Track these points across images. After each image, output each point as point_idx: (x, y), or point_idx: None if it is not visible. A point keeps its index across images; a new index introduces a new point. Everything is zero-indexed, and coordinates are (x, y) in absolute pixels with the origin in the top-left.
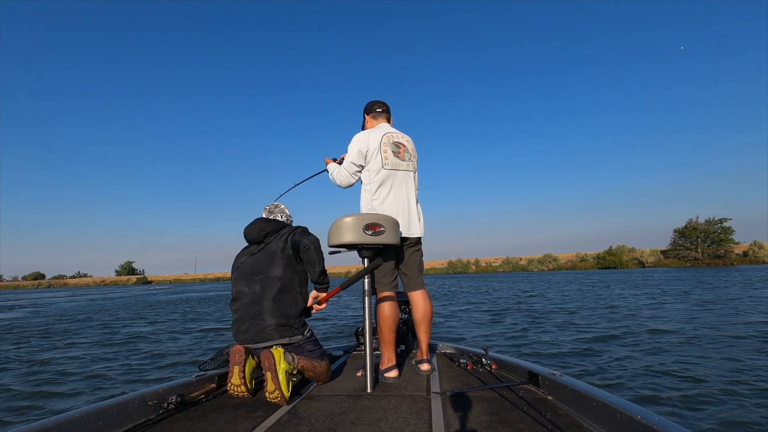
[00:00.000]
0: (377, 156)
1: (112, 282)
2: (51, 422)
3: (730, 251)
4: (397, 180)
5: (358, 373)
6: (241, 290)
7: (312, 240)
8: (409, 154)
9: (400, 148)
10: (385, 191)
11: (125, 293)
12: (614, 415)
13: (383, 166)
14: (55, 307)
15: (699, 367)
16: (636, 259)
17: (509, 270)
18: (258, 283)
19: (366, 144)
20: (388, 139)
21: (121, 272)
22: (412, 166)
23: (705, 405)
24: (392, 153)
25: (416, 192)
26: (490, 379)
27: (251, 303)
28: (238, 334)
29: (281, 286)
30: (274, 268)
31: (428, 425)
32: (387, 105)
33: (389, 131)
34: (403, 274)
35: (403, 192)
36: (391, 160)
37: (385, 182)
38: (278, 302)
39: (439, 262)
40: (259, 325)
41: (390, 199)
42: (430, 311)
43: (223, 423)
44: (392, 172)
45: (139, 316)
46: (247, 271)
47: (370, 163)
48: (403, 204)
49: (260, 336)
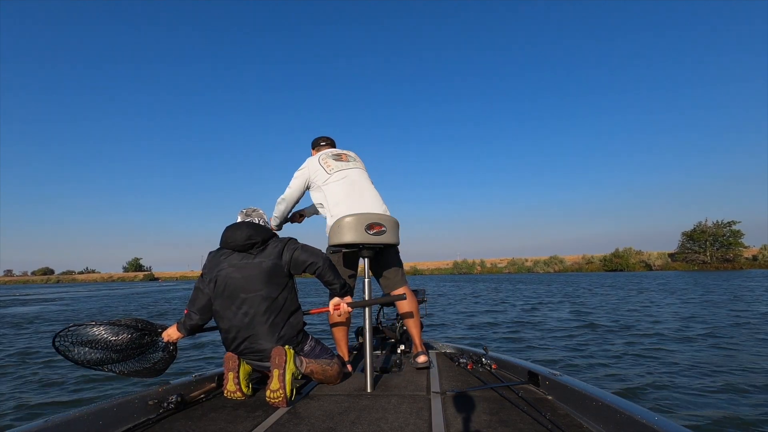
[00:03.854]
0: (319, 171)
1: (119, 278)
2: (51, 422)
3: (739, 255)
4: (348, 178)
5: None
6: (229, 308)
7: (323, 258)
8: (352, 158)
9: (341, 155)
10: (338, 193)
11: (149, 288)
12: (614, 415)
13: (328, 173)
14: (111, 299)
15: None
16: (643, 261)
17: (514, 271)
18: (247, 304)
19: (307, 172)
20: (326, 155)
21: (128, 268)
22: (360, 165)
23: None
24: (333, 161)
25: (373, 186)
26: (490, 378)
27: (243, 326)
28: (230, 347)
29: (275, 307)
30: (266, 287)
31: (428, 425)
32: (331, 139)
33: (327, 151)
34: (380, 275)
35: (360, 189)
36: (334, 165)
37: (338, 184)
38: (273, 326)
39: (444, 263)
40: (255, 348)
41: (351, 200)
42: (416, 306)
43: (223, 422)
44: (340, 173)
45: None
46: (235, 287)
47: (315, 182)
48: (368, 201)
49: (256, 357)
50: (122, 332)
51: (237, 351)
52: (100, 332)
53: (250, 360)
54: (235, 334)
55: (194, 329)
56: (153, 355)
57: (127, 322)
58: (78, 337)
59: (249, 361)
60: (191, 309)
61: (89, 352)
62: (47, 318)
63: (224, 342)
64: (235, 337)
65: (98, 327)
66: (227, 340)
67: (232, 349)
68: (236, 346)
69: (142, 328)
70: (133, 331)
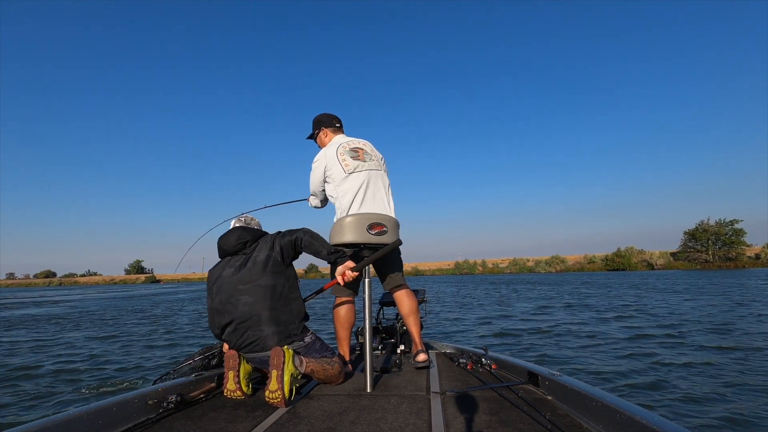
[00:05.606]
0: (336, 166)
1: (121, 280)
2: (51, 421)
3: (741, 253)
4: (365, 181)
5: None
6: (229, 302)
7: (303, 231)
8: (369, 155)
9: (358, 152)
10: (351, 195)
11: (158, 290)
12: (614, 415)
13: (345, 173)
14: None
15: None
16: (645, 261)
17: (516, 271)
18: (248, 293)
19: (324, 162)
20: (344, 148)
21: (130, 271)
22: (375, 165)
23: None
24: (351, 158)
25: (389, 190)
26: (490, 378)
27: (244, 314)
28: (233, 342)
29: (274, 294)
30: (263, 276)
31: (428, 425)
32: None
33: (343, 141)
34: (383, 275)
35: (373, 191)
36: (351, 164)
37: (353, 186)
38: (274, 310)
39: (445, 263)
40: (257, 335)
41: (360, 201)
42: (416, 305)
43: (223, 422)
44: (356, 175)
45: None
46: (234, 281)
47: (331, 176)
48: (378, 204)
49: (258, 346)
50: (198, 362)
51: (240, 343)
52: (186, 368)
53: (252, 353)
54: (237, 326)
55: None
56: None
57: (201, 351)
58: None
59: (250, 356)
60: (212, 329)
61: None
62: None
63: (226, 339)
64: (237, 329)
65: (185, 365)
66: (229, 335)
67: (234, 342)
68: (239, 338)
69: (205, 351)
70: (204, 359)
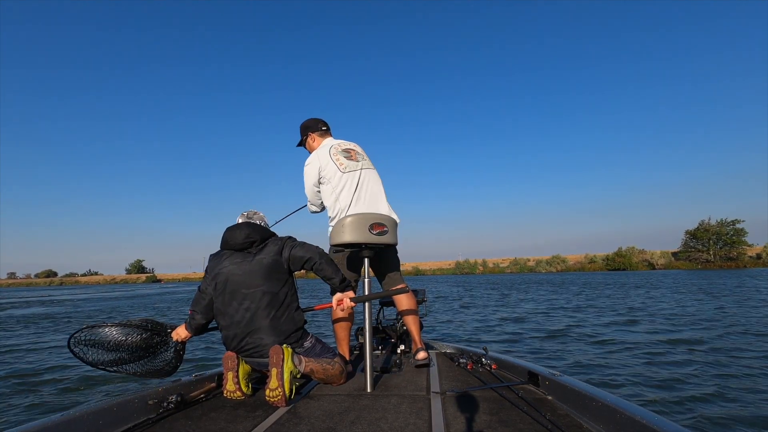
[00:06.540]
0: (331, 165)
1: (122, 280)
2: (51, 421)
3: (743, 253)
4: (360, 180)
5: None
6: (230, 305)
7: (319, 253)
8: (361, 156)
9: (350, 152)
10: (350, 193)
11: (160, 290)
12: (614, 415)
13: (341, 171)
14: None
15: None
16: (646, 260)
17: (517, 271)
18: (249, 299)
19: (317, 163)
20: (336, 149)
21: (131, 270)
22: (368, 164)
23: None
24: (344, 158)
25: (383, 189)
26: (490, 378)
27: (244, 321)
28: (232, 346)
29: (276, 302)
30: (267, 282)
31: (428, 425)
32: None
33: (334, 143)
34: (381, 275)
35: (371, 190)
36: (346, 164)
37: (348, 186)
38: (274, 319)
39: (446, 263)
40: (256, 343)
41: (358, 199)
42: (415, 304)
43: (223, 422)
44: (351, 174)
45: None
46: (236, 284)
47: (326, 176)
48: (377, 202)
49: (257, 353)
50: (133, 333)
51: (238, 348)
52: (112, 333)
53: (251, 358)
54: (237, 331)
55: (199, 329)
56: (163, 355)
57: (137, 322)
58: (91, 338)
59: (249, 359)
60: (194, 309)
61: (102, 353)
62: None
63: (225, 340)
64: (237, 334)
65: (110, 328)
66: (228, 338)
67: (233, 346)
68: (238, 343)
69: (152, 328)
70: (144, 332)
